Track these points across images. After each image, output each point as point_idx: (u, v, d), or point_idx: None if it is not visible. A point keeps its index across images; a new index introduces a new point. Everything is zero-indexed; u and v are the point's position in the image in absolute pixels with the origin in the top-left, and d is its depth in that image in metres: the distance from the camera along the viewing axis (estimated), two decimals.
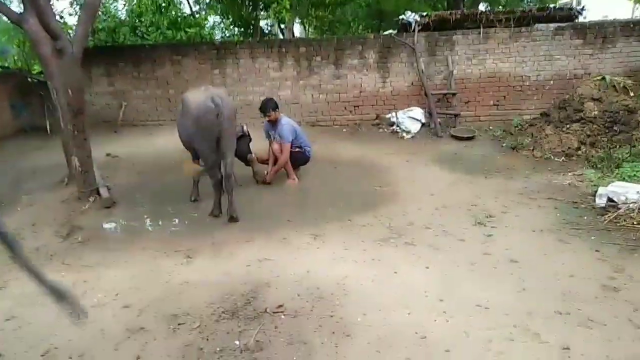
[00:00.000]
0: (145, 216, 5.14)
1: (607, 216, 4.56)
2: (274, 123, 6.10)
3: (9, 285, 3.59)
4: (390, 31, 9.96)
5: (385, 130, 9.30)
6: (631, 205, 4.55)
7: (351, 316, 3.05)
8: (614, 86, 7.54)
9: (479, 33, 9.20)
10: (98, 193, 5.51)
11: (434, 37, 9.32)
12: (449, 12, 9.62)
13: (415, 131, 8.96)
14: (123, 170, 6.96)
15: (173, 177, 6.26)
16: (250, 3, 11.84)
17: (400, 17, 9.27)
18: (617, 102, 7.30)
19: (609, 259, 3.80)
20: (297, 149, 6.24)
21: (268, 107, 5.98)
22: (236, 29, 15.54)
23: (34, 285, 2.09)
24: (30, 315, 3.16)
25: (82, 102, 5.13)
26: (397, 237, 4.42)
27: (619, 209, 4.63)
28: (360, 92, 9.66)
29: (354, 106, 9.73)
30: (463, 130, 8.74)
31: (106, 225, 4.91)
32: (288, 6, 10.62)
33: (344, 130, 9.52)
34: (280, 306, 3.15)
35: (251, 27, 15.06)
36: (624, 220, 4.42)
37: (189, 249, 4.21)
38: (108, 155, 7.74)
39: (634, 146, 6.74)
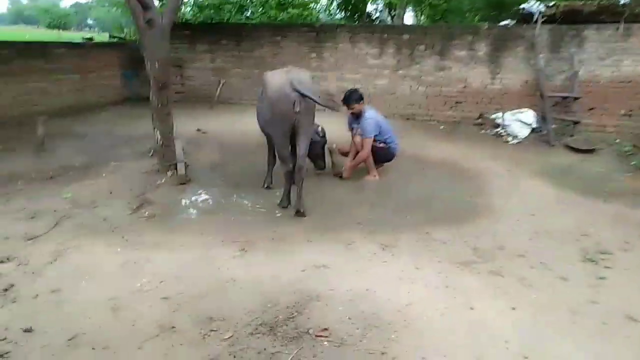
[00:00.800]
0: (215, 198, 4.98)
1: None
2: (357, 116, 5.63)
3: (67, 255, 3.58)
4: (508, 21, 8.87)
5: (488, 132, 8.34)
6: None
7: (406, 357, 2.52)
8: None
9: (618, 29, 7.80)
10: (176, 168, 5.48)
11: (559, 31, 8.09)
12: (582, 2, 8.29)
13: (523, 137, 7.90)
14: (208, 147, 6.95)
15: (254, 158, 6.08)
16: None
17: (522, 6, 8.18)
18: None
19: None
20: (381, 144, 5.71)
21: (351, 99, 5.52)
22: (342, 12, 15.23)
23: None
24: (74, 291, 3.08)
25: (167, 76, 5.09)
26: (482, 262, 3.74)
27: None
28: (465, 87, 8.77)
29: (456, 102, 8.88)
30: (582, 141, 7.51)
31: (175, 203, 4.83)
32: None
33: (441, 127, 8.73)
34: (326, 329, 2.71)
35: (358, 11, 14.68)
36: None
37: (247, 240, 3.93)
38: (198, 130, 7.84)
39: None
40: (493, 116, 8.40)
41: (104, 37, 10.93)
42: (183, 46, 10.24)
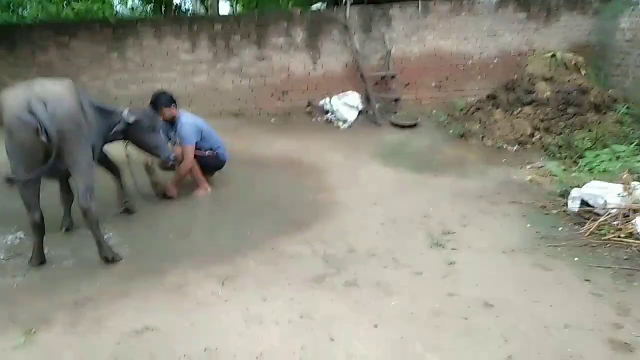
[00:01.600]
0: None
1: (586, 226, 3.73)
2: (171, 122, 4.79)
3: None
4: (318, 5, 8.77)
5: (319, 119, 8.18)
6: (612, 211, 3.75)
7: None
8: (565, 64, 6.85)
9: (417, 7, 8.22)
10: None
11: (368, 12, 8.23)
12: None
13: (352, 119, 7.91)
14: None
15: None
16: None
17: None
18: (569, 81, 6.62)
19: (606, 292, 2.93)
20: (207, 152, 4.97)
21: (158, 103, 4.66)
22: (146, 6, 13.73)
23: None
24: None
25: None
26: (335, 272, 3.33)
27: (598, 215, 3.82)
28: (289, 75, 8.44)
29: (282, 92, 8.50)
30: (405, 117, 7.80)
31: None
32: None
33: (272, 120, 8.29)
34: None
35: (163, 3, 13.36)
36: (609, 232, 3.60)
37: (37, 315, 2.88)
38: None
39: (590, 130, 6.08)
40: (321, 103, 8.24)
41: None
42: None
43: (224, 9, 22.80)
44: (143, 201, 4.74)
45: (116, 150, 4.38)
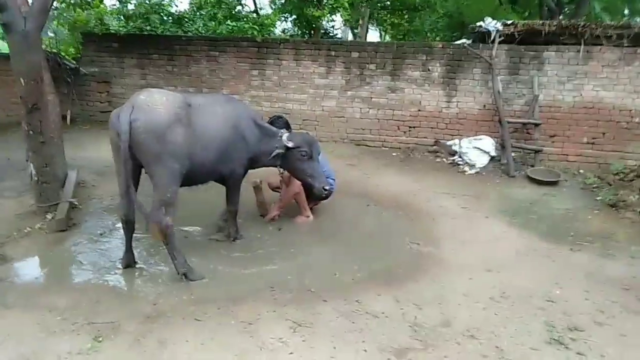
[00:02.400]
0: (95, 253, 3.91)
1: None
2: None
3: None
4: (464, 40, 8.21)
5: (444, 160, 7.58)
6: None
7: None
8: None
9: (579, 51, 7.22)
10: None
11: (518, 52, 7.47)
12: (541, 22, 7.72)
13: (481, 166, 7.17)
14: None
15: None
16: None
17: (478, 24, 7.53)
18: None
19: None
20: None
21: (275, 127, 4.61)
22: (297, 29, 14.44)
23: None
24: None
25: (37, 95, 4.02)
26: (422, 348, 2.82)
27: None
28: (419, 110, 8.01)
29: (409, 127, 8.10)
30: (544, 172, 6.83)
31: (36, 260, 3.73)
32: (347, 4, 9.26)
33: (394, 154, 7.91)
34: None
35: (311, 28, 13.90)
36: None
37: (111, 321, 2.89)
38: None
39: None
40: (449, 143, 7.66)
41: None
42: (110, 60, 9.13)
43: (373, 37, 23.24)
44: (246, 220, 4.71)
45: None
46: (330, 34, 17.09)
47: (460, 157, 7.40)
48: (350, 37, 20.37)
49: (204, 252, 3.96)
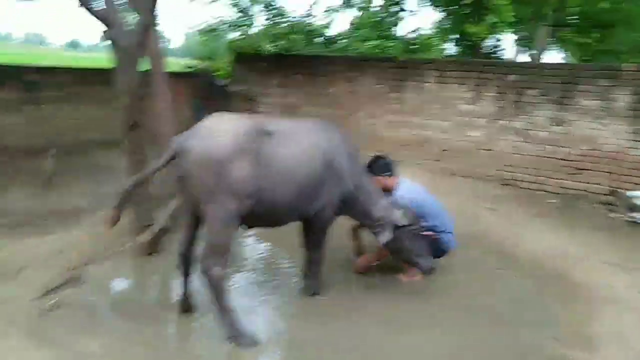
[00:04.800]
0: (161, 284, 3.62)
1: None
2: (388, 192, 3.89)
3: None
4: None
5: (621, 216, 5.77)
6: None
7: None
8: None
9: None
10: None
11: None
12: None
13: None
14: None
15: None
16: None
17: None
18: None
19: None
20: (426, 232, 3.84)
21: (373, 169, 3.82)
22: (459, 47, 13.34)
23: None
24: None
25: (138, 113, 3.93)
26: None
27: None
28: (593, 149, 6.31)
29: (577, 169, 6.44)
30: None
31: (110, 287, 3.57)
32: (510, 19, 7.95)
33: (551, 201, 6.36)
34: None
35: (474, 47, 12.67)
36: None
37: None
38: None
39: None
40: (629, 194, 5.82)
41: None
42: (257, 79, 9.36)
43: (555, 59, 20.29)
44: (335, 269, 3.99)
45: None
46: (496, 56, 15.46)
47: None
48: (525, 59, 18.21)
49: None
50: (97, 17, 3.53)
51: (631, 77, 6.04)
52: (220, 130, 2.81)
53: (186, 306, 3.18)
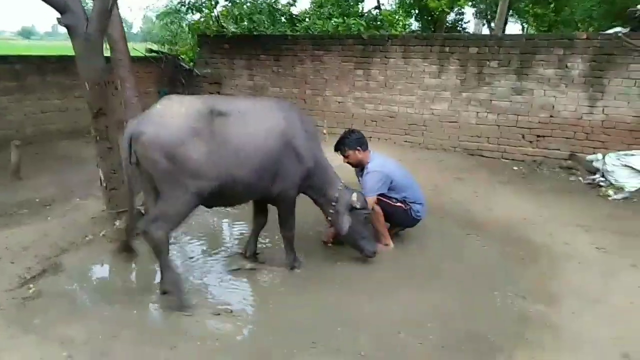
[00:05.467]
0: (140, 268, 3.64)
1: None
2: (360, 167, 4.03)
3: None
4: (618, 29, 6.54)
5: (581, 179, 6.11)
6: None
7: None
8: None
9: None
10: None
11: None
12: None
13: (633, 189, 5.60)
14: None
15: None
16: None
17: (638, 6, 5.89)
18: None
19: None
20: (397, 203, 3.99)
21: (342, 143, 3.98)
22: (418, 23, 13.46)
23: None
24: None
25: (103, 100, 3.88)
26: None
27: None
28: (551, 116, 6.62)
29: (538, 136, 6.75)
30: None
31: (86, 275, 3.57)
32: None
33: (515, 168, 6.65)
34: None
35: (436, 22, 12.82)
36: None
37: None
38: None
39: None
40: (589, 158, 6.15)
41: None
42: (222, 61, 9.26)
43: (514, 31, 20.64)
44: (310, 245, 4.11)
45: None
46: (459, 29, 15.68)
47: (603, 176, 5.89)
48: (485, 32, 18.52)
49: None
50: (50, 4, 3.44)
51: (584, 45, 6.31)
52: (172, 113, 2.82)
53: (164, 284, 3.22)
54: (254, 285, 3.53)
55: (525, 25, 19.73)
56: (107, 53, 5.46)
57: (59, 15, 3.51)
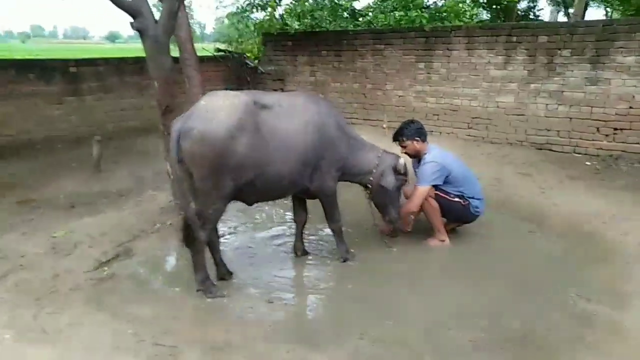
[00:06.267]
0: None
1: None
2: (417, 158, 3.99)
3: None
4: None
5: None
6: None
7: None
8: None
9: None
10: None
11: None
12: None
13: None
14: None
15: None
16: None
17: None
18: None
19: None
20: (454, 198, 3.91)
21: (403, 134, 3.96)
22: (483, 12, 12.91)
23: None
24: None
25: (171, 97, 4.15)
26: None
27: None
28: (630, 107, 6.12)
29: (615, 129, 6.27)
30: None
31: (156, 259, 3.85)
32: None
33: (588, 163, 6.23)
34: None
35: (507, 11, 12.24)
36: None
37: (171, 346, 2.67)
38: None
39: None
40: None
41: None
42: (285, 58, 9.47)
43: (597, 16, 19.03)
44: (363, 238, 4.14)
45: None
46: (532, 18, 14.85)
47: None
48: (562, 19, 17.40)
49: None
50: (122, 9, 3.73)
51: None
52: (219, 107, 2.88)
53: (221, 273, 3.41)
54: (306, 275, 3.63)
55: (609, 10, 18.27)
56: (177, 53, 5.85)
57: (131, 20, 3.80)
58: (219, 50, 10.04)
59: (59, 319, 2.88)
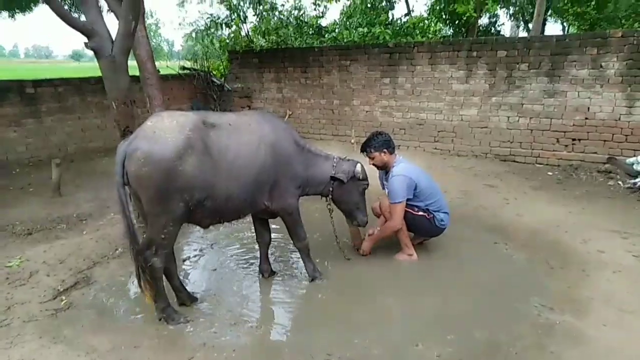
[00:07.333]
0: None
1: None
2: (385, 169, 4.01)
3: None
4: None
5: (620, 183, 5.82)
6: None
7: None
8: None
9: None
10: None
11: None
12: None
13: None
14: None
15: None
16: None
17: None
18: None
19: None
20: (419, 213, 3.93)
21: (368, 145, 3.95)
22: (449, 29, 13.27)
23: None
24: None
25: (131, 118, 4.06)
26: None
27: None
28: (586, 118, 6.36)
29: (573, 139, 6.49)
30: None
31: (118, 286, 3.70)
32: None
33: (550, 174, 6.41)
34: None
35: (466, 26, 12.63)
36: None
37: None
38: None
39: None
40: (629, 161, 5.87)
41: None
42: (252, 75, 9.46)
43: (554, 31, 19.86)
44: (332, 254, 4.11)
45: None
46: (493, 33, 15.34)
47: None
48: (522, 34, 18.02)
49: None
50: (76, 29, 3.63)
51: (620, 44, 6.04)
52: (165, 128, 2.75)
53: (182, 299, 3.29)
54: (273, 296, 3.56)
55: (566, 25, 19.07)
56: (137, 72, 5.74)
57: (86, 40, 3.71)
58: (184, 68, 9.95)
59: (10, 354, 2.72)
